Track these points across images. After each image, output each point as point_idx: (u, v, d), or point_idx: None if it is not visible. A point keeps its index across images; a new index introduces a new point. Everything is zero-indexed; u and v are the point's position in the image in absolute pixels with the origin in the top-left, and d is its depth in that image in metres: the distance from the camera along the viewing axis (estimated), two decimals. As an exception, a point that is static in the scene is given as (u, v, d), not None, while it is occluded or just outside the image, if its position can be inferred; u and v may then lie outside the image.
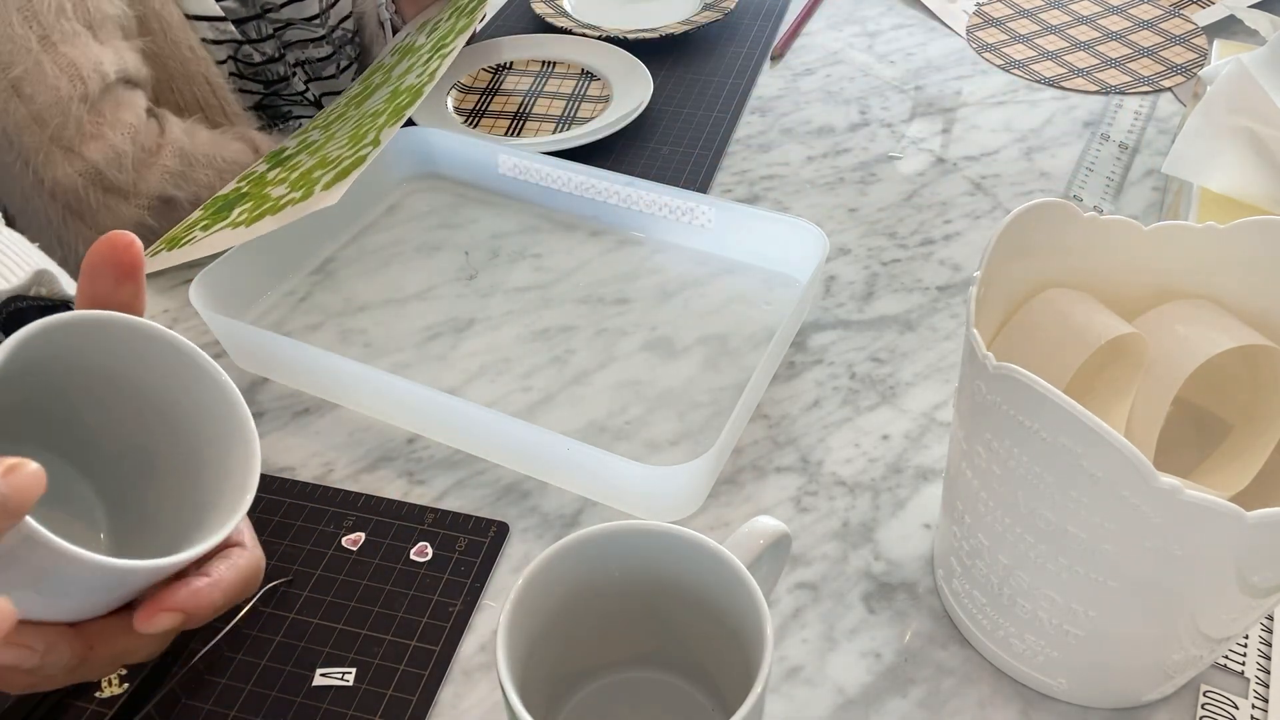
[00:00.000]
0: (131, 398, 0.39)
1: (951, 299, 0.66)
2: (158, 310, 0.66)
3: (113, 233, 0.38)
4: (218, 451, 0.39)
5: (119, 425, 0.40)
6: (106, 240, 0.37)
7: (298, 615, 0.49)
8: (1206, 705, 0.45)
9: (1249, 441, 0.45)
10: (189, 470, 0.40)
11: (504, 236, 0.71)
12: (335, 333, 0.64)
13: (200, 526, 0.38)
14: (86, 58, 0.69)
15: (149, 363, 0.38)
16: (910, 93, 0.85)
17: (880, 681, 0.46)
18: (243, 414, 0.39)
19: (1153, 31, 0.92)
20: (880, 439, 0.57)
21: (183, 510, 0.39)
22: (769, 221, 0.65)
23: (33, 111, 0.68)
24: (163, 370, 0.38)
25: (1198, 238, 0.44)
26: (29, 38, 0.67)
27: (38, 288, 0.45)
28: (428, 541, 0.52)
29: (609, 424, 0.58)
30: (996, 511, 0.41)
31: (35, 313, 0.44)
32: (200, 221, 0.70)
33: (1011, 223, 0.42)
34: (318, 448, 0.57)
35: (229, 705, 0.45)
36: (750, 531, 0.41)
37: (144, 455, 0.41)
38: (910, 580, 0.50)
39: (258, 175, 0.72)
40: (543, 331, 0.63)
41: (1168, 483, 0.33)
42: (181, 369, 0.38)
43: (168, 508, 0.40)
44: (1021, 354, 0.43)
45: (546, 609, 0.39)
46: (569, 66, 0.87)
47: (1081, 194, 0.74)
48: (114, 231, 0.38)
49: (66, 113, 0.69)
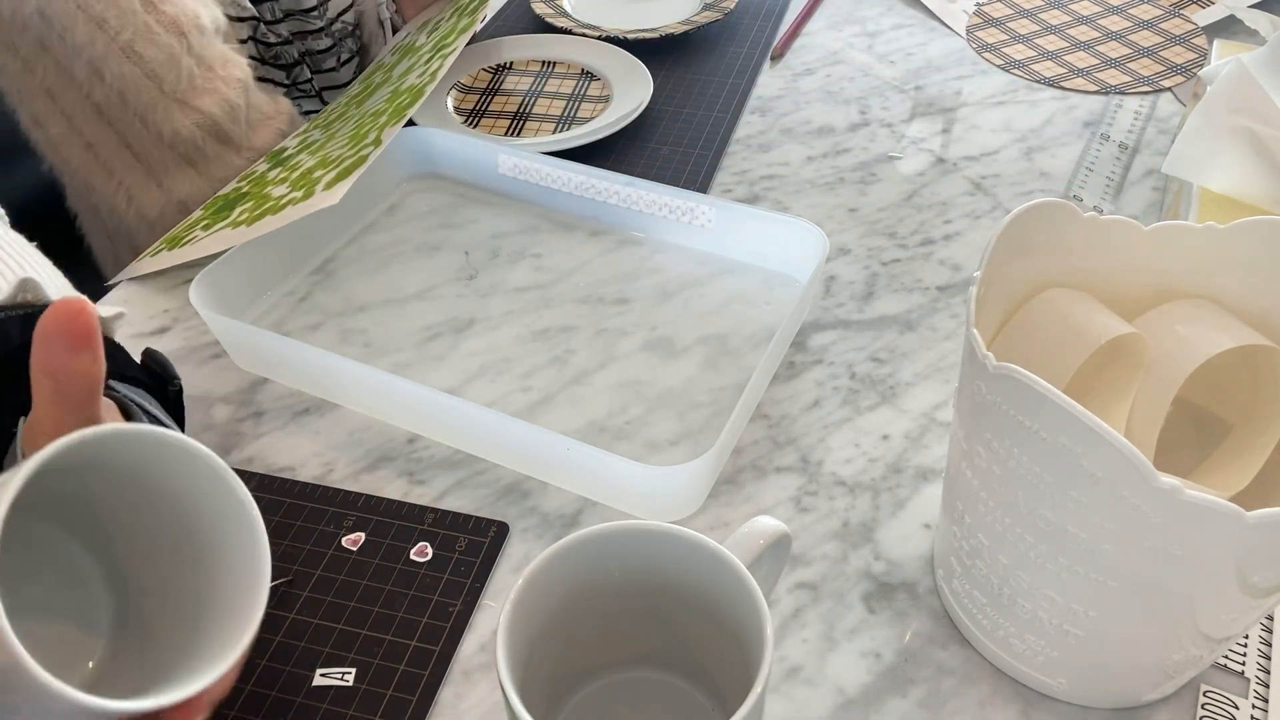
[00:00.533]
0: (161, 511, 0.39)
1: (951, 299, 0.66)
2: (158, 310, 0.67)
3: (61, 301, 0.37)
4: (229, 573, 0.39)
5: (145, 535, 0.40)
6: (57, 309, 0.37)
7: (298, 615, 0.49)
8: (1206, 705, 0.45)
9: (1249, 441, 0.45)
10: (198, 592, 0.40)
11: (504, 236, 0.71)
12: (335, 333, 0.64)
13: (198, 647, 0.38)
14: (185, 14, 0.73)
15: (183, 479, 0.38)
16: (910, 93, 0.85)
17: (880, 681, 0.46)
18: (262, 549, 0.38)
19: (1153, 31, 0.92)
20: (880, 439, 0.57)
21: (184, 625, 0.40)
22: (769, 221, 0.65)
23: (145, 70, 0.73)
24: (193, 489, 0.39)
25: (1198, 238, 0.44)
26: (132, 2, 0.71)
27: (23, 294, 0.46)
28: (428, 541, 0.52)
29: (609, 424, 0.58)
30: (996, 511, 0.41)
31: (17, 322, 0.44)
32: (201, 221, 0.70)
33: (1011, 223, 0.42)
34: (318, 448, 0.57)
35: (229, 705, 0.45)
36: (750, 531, 0.41)
37: (160, 568, 0.41)
38: (910, 580, 0.50)
39: (258, 175, 0.72)
40: (543, 331, 0.63)
41: (1168, 483, 0.33)
42: (212, 490, 0.38)
43: (171, 621, 0.40)
44: (1021, 354, 0.43)
45: (546, 609, 0.39)
46: (569, 66, 0.87)
47: (1081, 194, 0.74)
48: (63, 299, 0.37)
49: (178, 67, 0.73)
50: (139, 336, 0.64)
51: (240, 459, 0.57)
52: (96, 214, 0.89)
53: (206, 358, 0.63)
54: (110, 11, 0.71)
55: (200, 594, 0.39)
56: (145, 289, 0.68)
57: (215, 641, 0.37)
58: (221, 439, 0.58)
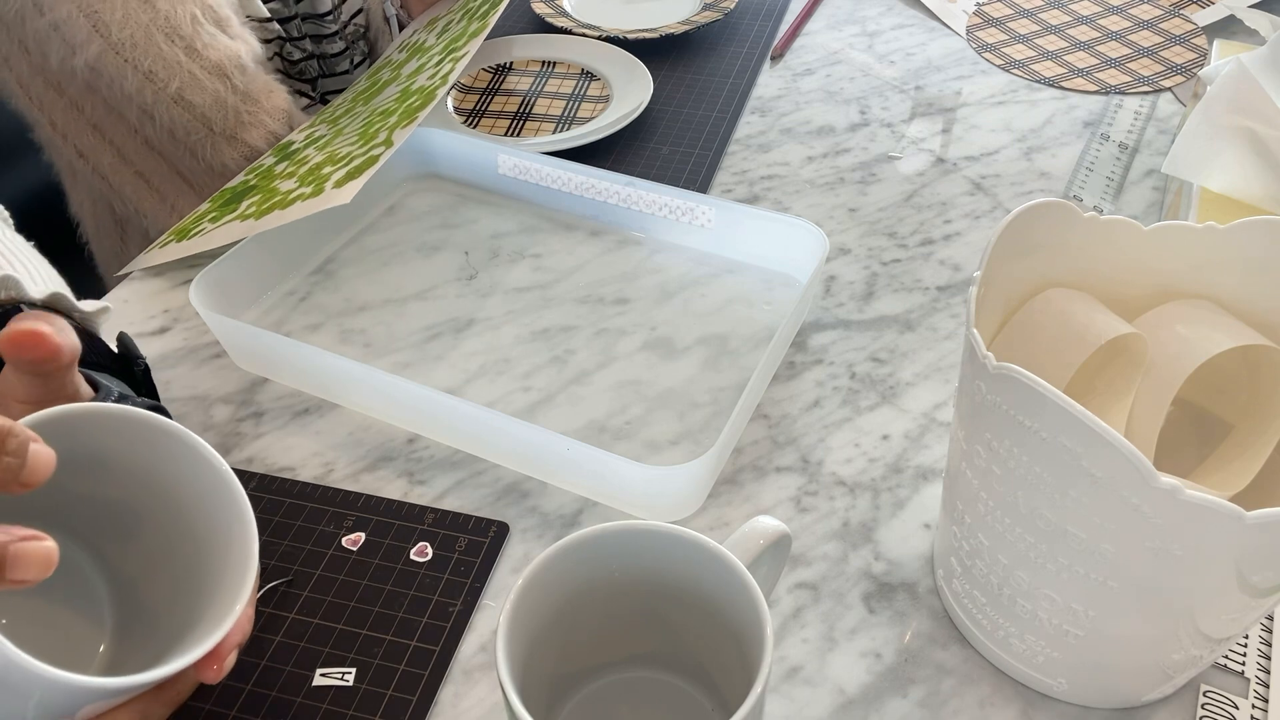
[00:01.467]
0: (145, 486, 0.40)
1: (951, 299, 0.66)
2: (158, 310, 0.67)
3: (9, 332, 0.38)
4: (220, 546, 0.40)
5: (133, 513, 0.41)
6: (7, 341, 0.37)
7: (298, 615, 0.49)
8: (1206, 705, 0.45)
9: (1249, 441, 0.45)
10: (191, 563, 0.41)
11: (504, 236, 0.71)
12: (335, 333, 0.64)
13: (199, 618, 0.39)
14: (227, 55, 0.76)
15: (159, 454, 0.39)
16: (910, 93, 0.85)
17: (880, 681, 0.46)
18: (246, 514, 0.39)
19: (1153, 31, 0.92)
20: (880, 439, 0.57)
21: (181, 597, 0.40)
22: (769, 221, 0.65)
23: (196, 115, 0.76)
24: (171, 463, 0.39)
25: (1198, 238, 0.44)
26: (176, 53, 0.74)
27: (4, 291, 0.46)
28: (428, 541, 0.52)
29: (609, 424, 0.58)
30: (996, 511, 0.41)
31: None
32: (209, 214, 0.70)
33: (1011, 223, 0.42)
34: (318, 448, 0.57)
35: (229, 705, 0.45)
36: (750, 531, 0.41)
37: (148, 543, 0.42)
38: (910, 580, 0.50)
39: (265, 168, 0.72)
40: (543, 331, 0.63)
41: (1168, 483, 0.33)
42: (187, 461, 0.39)
43: (168, 594, 0.41)
44: (1021, 354, 0.43)
45: (546, 609, 0.39)
46: (569, 66, 0.87)
47: (1081, 194, 0.74)
48: (11, 330, 0.38)
49: (225, 107, 0.76)
50: (139, 336, 0.64)
51: (240, 459, 0.57)
52: (123, 230, 0.90)
53: (206, 358, 0.63)
54: (158, 64, 0.74)
55: (192, 563, 0.40)
56: (145, 289, 0.68)
57: (219, 601, 0.38)
58: (221, 439, 0.58)
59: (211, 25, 0.75)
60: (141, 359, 0.50)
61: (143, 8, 0.72)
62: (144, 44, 0.73)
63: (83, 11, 0.72)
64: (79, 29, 0.73)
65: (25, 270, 0.49)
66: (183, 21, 0.74)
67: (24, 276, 0.48)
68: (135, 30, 0.73)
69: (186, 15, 0.74)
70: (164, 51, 0.73)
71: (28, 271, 0.49)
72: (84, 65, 0.74)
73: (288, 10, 0.86)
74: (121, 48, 0.73)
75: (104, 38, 0.73)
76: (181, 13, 0.74)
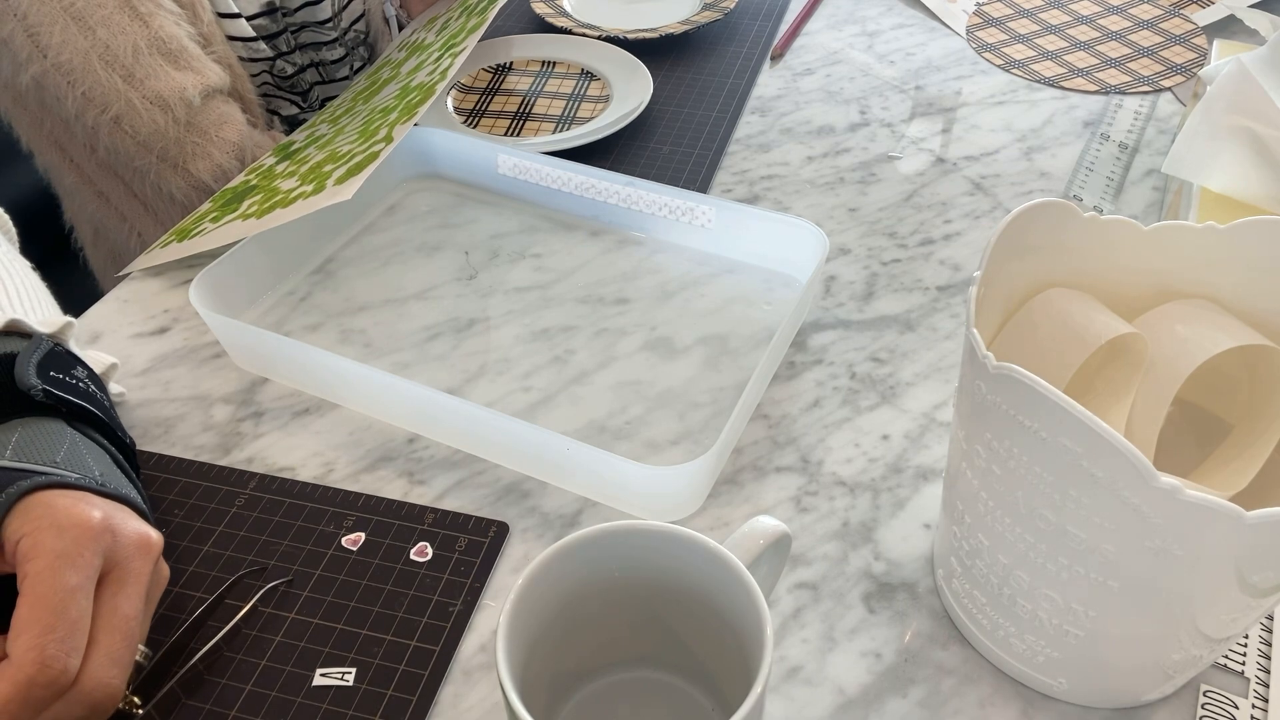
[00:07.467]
0: None
1: (951, 299, 0.66)
2: (158, 310, 0.67)
3: None
4: None
5: None
6: None
7: (298, 615, 0.49)
8: (1206, 705, 0.45)
9: (1249, 441, 0.45)
10: None
11: (504, 236, 0.71)
12: (335, 333, 0.64)
13: None
14: (170, 88, 0.75)
15: None
16: (910, 93, 0.85)
17: (880, 681, 0.46)
18: None
19: (1153, 31, 0.92)
20: (880, 439, 0.57)
21: None
22: (769, 221, 0.65)
23: (138, 141, 0.76)
24: None
25: (1198, 238, 0.44)
26: (115, 80, 0.74)
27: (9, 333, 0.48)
28: (428, 541, 0.52)
29: (609, 424, 0.58)
30: (996, 511, 0.41)
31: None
32: (210, 213, 0.70)
33: (1011, 223, 0.42)
34: (318, 448, 0.57)
35: (229, 705, 0.45)
36: (750, 531, 0.41)
37: None
38: (910, 580, 0.50)
39: (266, 168, 0.72)
40: (543, 331, 0.63)
41: (1168, 483, 0.33)
42: None
43: None
44: (1021, 354, 0.43)
45: (546, 609, 0.39)
46: (569, 66, 0.87)
47: (1081, 194, 0.74)
48: None
49: (167, 138, 0.76)
50: (139, 337, 0.64)
51: (240, 459, 0.57)
52: (105, 243, 0.90)
53: (206, 358, 0.63)
54: (95, 89, 0.74)
55: None
56: (145, 289, 0.68)
57: None
58: (221, 439, 0.58)
59: (158, 57, 0.74)
60: (125, 438, 0.50)
61: (82, 34, 0.72)
62: (81, 68, 0.73)
63: (26, 31, 0.72)
64: (22, 47, 0.73)
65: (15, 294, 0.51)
66: (123, 51, 0.73)
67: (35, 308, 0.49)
68: (74, 54, 0.72)
69: (128, 45, 0.73)
70: (101, 77, 0.73)
71: (17, 294, 0.51)
72: (31, 81, 0.74)
73: (276, 25, 0.85)
74: (60, 69, 0.73)
75: (45, 58, 0.73)
76: (122, 42, 0.73)
